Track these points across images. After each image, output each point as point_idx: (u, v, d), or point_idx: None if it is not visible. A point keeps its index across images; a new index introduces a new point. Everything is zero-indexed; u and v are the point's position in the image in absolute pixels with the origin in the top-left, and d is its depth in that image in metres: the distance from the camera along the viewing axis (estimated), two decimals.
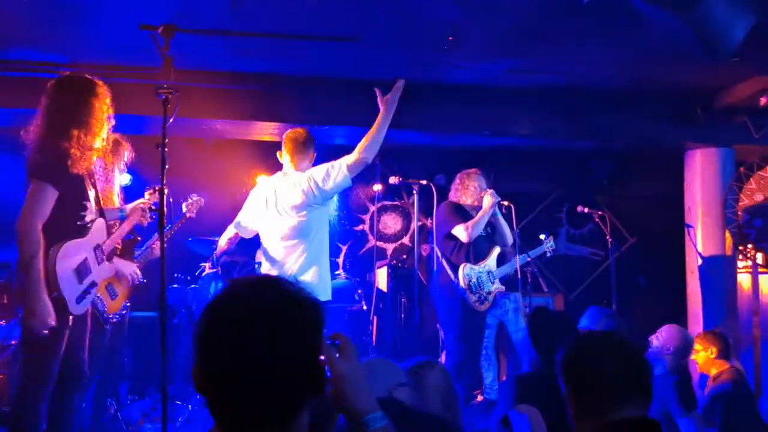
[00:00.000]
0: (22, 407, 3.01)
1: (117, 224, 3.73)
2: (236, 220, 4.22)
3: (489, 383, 5.47)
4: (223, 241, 4.33)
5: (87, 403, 3.93)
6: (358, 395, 1.35)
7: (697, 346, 4.29)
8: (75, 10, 4.19)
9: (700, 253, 6.22)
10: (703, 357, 4.28)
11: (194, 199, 4.56)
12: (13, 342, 4.61)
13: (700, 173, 6.30)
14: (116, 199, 4.09)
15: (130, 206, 3.76)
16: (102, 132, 3.17)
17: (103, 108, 3.18)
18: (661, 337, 4.14)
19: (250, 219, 4.18)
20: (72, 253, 3.07)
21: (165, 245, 2.89)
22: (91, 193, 3.20)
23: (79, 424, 3.58)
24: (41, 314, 2.87)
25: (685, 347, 4.12)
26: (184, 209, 4.52)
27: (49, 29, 4.58)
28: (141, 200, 3.79)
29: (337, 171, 3.96)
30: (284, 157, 4.16)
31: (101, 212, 3.31)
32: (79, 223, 3.12)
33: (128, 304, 4.16)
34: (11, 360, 4.48)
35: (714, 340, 4.31)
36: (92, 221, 3.19)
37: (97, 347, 3.77)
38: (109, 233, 3.42)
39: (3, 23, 4.44)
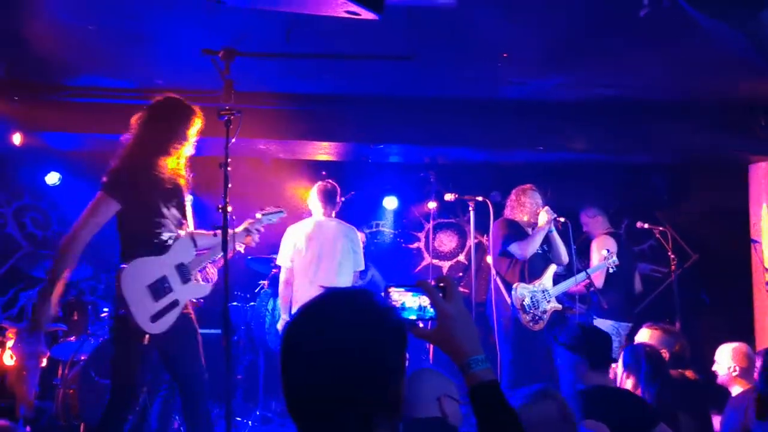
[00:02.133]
0: (104, 422, 3.08)
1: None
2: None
3: None
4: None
5: (152, 417, 4.03)
6: (464, 335, 1.37)
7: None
8: (139, 38, 4.37)
9: (767, 269, 6.01)
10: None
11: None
12: (82, 357, 4.78)
13: (766, 186, 6.10)
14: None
15: (238, 229, 3.71)
16: (184, 154, 3.26)
17: (191, 132, 3.27)
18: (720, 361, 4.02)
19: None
20: (144, 271, 3.11)
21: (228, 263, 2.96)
22: (172, 212, 3.24)
23: None
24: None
25: (749, 363, 3.99)
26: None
27: (116, 56, 4.78)
28: (249, 221, 3.76)
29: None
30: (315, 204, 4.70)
31: (189, 232, 3.35)
32: (156, 240, 3.16)
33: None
34: (81, 375, 4.63)
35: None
36: (172, 239, 3.22)
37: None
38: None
39: (71, 51, 4.65)
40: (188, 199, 4.39)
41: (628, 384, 3.50)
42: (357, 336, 1.21)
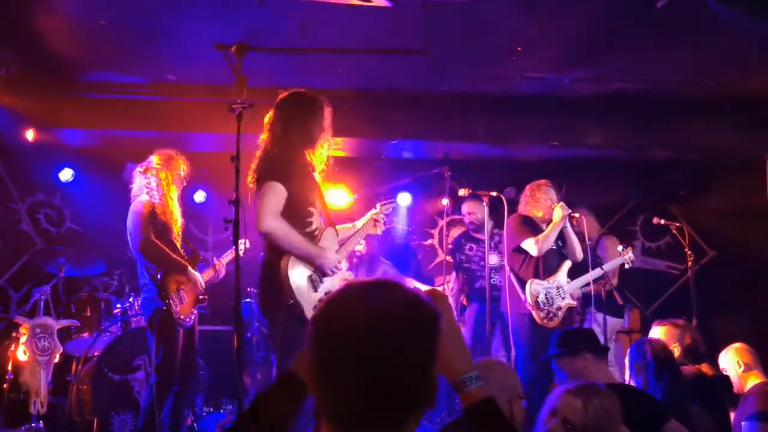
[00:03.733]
0: None
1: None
2: None
3: None
4: None
5: (165, 413, 4.04)
6: (457, 352, 1.36)
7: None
8: (152, 33, 4.37)
9: None
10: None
11: None
12: (96, 353, 4.79)
13: None
14: (177, 213, 4.19)
15: (362, 220, 3.76)
16: (323, 147, 3.29)
17: (325, 122, 3.30)
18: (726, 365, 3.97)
19: None
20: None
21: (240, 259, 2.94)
22: (318, 204, 3.27)
23: None
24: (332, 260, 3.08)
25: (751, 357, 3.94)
26: None
27: (128, 52, 4.78)
28: (373, 211, 3.80)
29: None
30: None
31: (331, 223, 3.40)
32: (307, 230, 3.18)
33: (195, 312, 4.18)
34: (95, 371, 4.64)
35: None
36: (320, 230, 3.26)
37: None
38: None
39: (84, 48, 4.66)
40: (200, 195, 4.41)
41: (637, 381, 3.45)
42: (392, 324, 1.16)
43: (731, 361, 3.95)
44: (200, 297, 4.19)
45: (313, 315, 1.23)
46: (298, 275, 3.03)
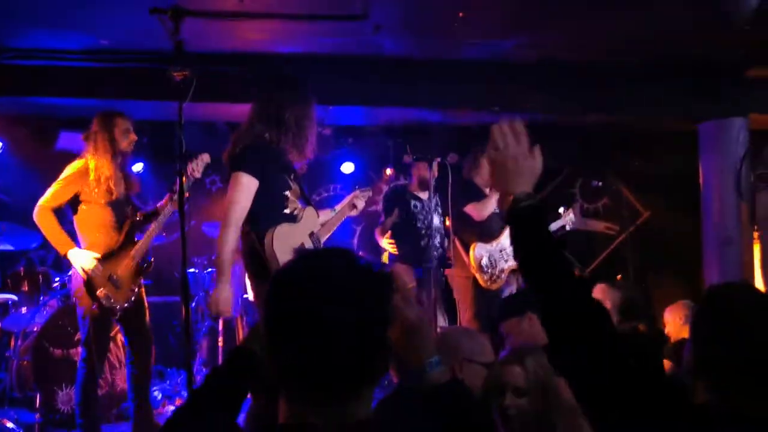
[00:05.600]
0: None
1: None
2: None
3: None
4: None
5: (129, 393, 4.08)
6: (422, 342, 1.40)
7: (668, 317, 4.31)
8: None
9: (716, 226, 6.19)
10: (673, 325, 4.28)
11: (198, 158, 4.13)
12: (35, 328, 4.68)
13: (714, 144, 6.24)
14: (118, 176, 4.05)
15: (340, 205, 3.76)
16: (307, 133, 3.24)
17: (304, 105, 3.26)
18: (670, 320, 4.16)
19: None
20: (288, 237, 3.10)
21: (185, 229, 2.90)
22: (294, 186, 3.24)
23: None
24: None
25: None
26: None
27: (60, 16, 4.58)
28: (353, 194, 3.80)
29: None
30: None
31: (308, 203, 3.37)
32: (284, 212, 3.16)
33: (136, 289, 4.03)
34: (35, 346, 4.54)
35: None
36: (299, 211, 3.23)
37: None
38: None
39: (12, 11, 4.45)
40: (137, 165, 4.29)
41: None
42: (346, 290, 1.18)
43: (673, 316, 4.16)
44: (143, 267, 4.09)
45: (266, 285, 1.23)
46: (284, 251, 3.01)
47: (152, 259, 4.16)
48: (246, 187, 3.04)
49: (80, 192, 3.92)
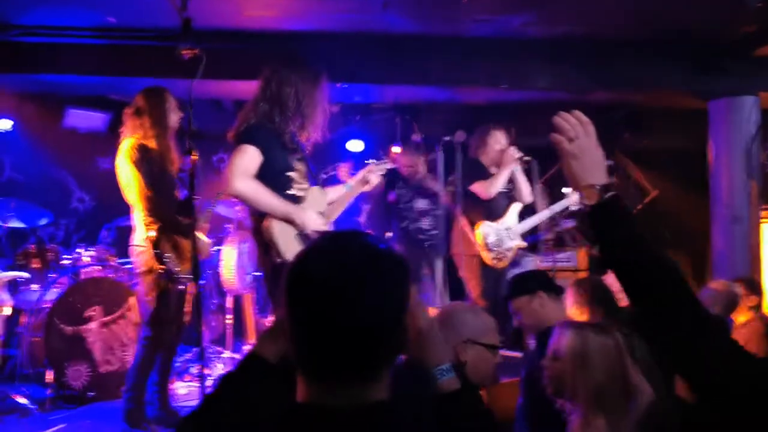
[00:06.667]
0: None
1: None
2: None
3: None
4: None
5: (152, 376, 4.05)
6: (433, 348, 1.40)
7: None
8: None
9: (724, 205, 6.17)
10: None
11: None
12: (46, 305, 4.72)
13: (725, 122, 6.20)
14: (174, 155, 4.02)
15: (353, 179, 3.69)
16: (311, 113, 3.20)
17: (315, 89, 3.21)
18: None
19: None
20: None
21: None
22: (299, 166, 3.20)
23: None
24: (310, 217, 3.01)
25: (732, 301, 4.12)
26: None
27: None
28: (367, 168, 3.73)
29: None
30: None
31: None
32: (288, 192, 3.13)
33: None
34: (46, 323, 4.58)
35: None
36: (304, 190, 3.20)
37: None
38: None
39: None
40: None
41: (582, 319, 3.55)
42: (364, 273, 1.19)
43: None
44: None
45: (286, 269, 1.24)
46: (284, 234, 3.00)
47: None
48: (249, 156, 3.00)
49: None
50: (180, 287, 3.89)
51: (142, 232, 3.83)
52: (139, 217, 3.84)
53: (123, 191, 3.88)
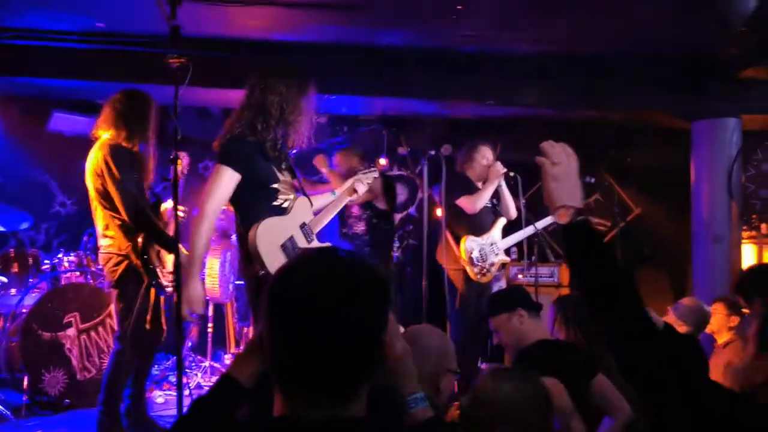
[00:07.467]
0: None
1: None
2: None
3: None
4: None
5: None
6: (406, 376, 1.42)
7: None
8: None
9: (705, 224, 6.24)
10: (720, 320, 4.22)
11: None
12: (24, 310, 4.66)
13: (707, 143, 6.28)
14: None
15: (341, 188, 3.67)
16: (294, 122, 3.15)
17: (304, 98, 3.17)
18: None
19: None
20: (275, 231, 3.04)
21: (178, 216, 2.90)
22: (285, 176, 3.16)
23: None
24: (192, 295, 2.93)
25: (702, 319, 4.13)
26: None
27: None
28: (354, 177, 3.70)
29: None
30: None
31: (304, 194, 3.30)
32: (273, 203, 3.09)
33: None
34: (24, 328, 4.52)
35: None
36: (290, 202, 3.16)
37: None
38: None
39: None
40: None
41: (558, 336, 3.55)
42: (345, 291, 1.19)
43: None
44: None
45: (267, 285, 1.24)
46: (267, 245, 2.97)
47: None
48: (226, 181, 2.97)
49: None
50: (161, 295, 3.85)
51: (120, 237, 3.75)
52: (113, 222, 3.76)
53: (95, 192, 3.78)
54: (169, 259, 3.85)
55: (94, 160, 3.78)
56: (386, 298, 1.25)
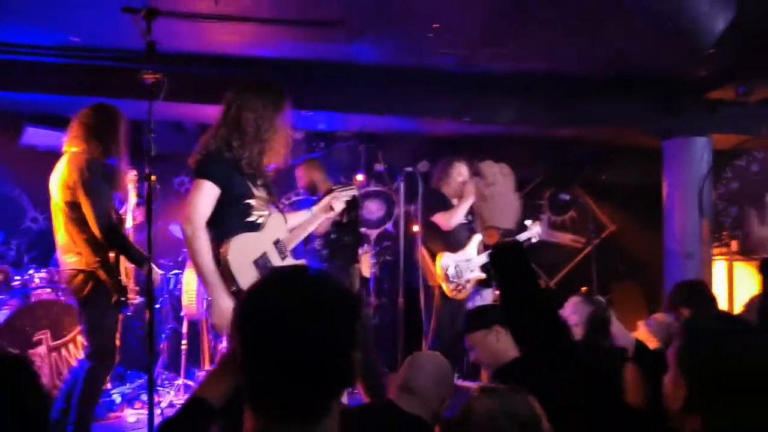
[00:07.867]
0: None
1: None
2: None
3: None
4: None
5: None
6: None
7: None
8: None
9: (677, 241, 6.32)
10: None
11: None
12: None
13: (678, 161, 6.39)
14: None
15: (317, 205, 3.62)
16: (269, 139, 3.12)
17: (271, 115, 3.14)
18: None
19: None
20: (248, 247, 3.01)
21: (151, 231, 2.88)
22: (260, 192, 3.13)
23: None
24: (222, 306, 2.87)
25: (669, 334, 4.17)
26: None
27: (30, 11, 4.51)
28: (331, 195, 3.65)
29: None
30: None
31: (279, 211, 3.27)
32: (246, 220, 3.06)
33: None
34: None
35: None
36: (264, 218, 3.13)
37: None
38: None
39: None
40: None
41: None
42: (315, 309, 1.20)
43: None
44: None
45: (236, 303, 1.24)
46: (239, 262, 2.94)
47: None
48: (207, 194, 2.96)
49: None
50: (123, 313, 3.83)
51: (87, 253, 3.70)
52: (79, 237, 3.72)
53: (64, 205, 3.74)
54: (130, 273, 3.82)
55: (65, 172, 3.75)
56: (355, 314, 1.25)
